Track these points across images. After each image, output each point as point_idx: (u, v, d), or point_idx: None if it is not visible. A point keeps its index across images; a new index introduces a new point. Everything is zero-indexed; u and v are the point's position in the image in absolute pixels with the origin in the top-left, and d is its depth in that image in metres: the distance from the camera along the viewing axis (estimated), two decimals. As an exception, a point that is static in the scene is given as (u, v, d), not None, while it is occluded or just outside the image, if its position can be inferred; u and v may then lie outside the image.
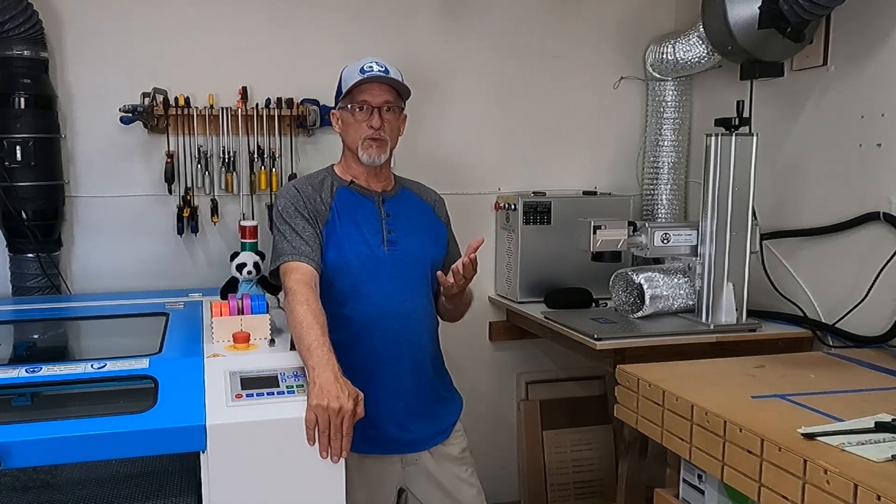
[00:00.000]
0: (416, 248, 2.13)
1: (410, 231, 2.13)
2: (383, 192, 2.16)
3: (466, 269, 2.01)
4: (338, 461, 1.64)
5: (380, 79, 2.08)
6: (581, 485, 3.32)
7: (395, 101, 2.12)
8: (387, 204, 2.15)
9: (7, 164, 2.57)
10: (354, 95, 2.09)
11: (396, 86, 2.11)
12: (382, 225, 2.12)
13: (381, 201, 2.15)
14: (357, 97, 2.09)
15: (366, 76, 2.07)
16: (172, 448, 1.60)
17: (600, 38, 3.28)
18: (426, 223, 2.22)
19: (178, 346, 2.00)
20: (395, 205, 2.16)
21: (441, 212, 2.28)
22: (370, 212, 2.13)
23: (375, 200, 2.15)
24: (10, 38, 2.55)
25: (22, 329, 2.40)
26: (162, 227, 2.87)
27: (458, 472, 2.21)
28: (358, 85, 2.07)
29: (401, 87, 2.12)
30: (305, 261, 2.01)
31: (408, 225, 2.13)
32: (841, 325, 2.51)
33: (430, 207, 2.25)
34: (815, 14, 2.29)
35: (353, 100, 2.09)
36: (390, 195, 2.18)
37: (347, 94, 2.10)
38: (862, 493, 1.42)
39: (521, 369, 3.36)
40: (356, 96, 2.09)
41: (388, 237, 2.10)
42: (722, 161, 2.52)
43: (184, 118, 2.79)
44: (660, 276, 2.70)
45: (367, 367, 2.04)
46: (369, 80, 2.07)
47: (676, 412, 1.95)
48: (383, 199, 2.15)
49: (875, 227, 2.42)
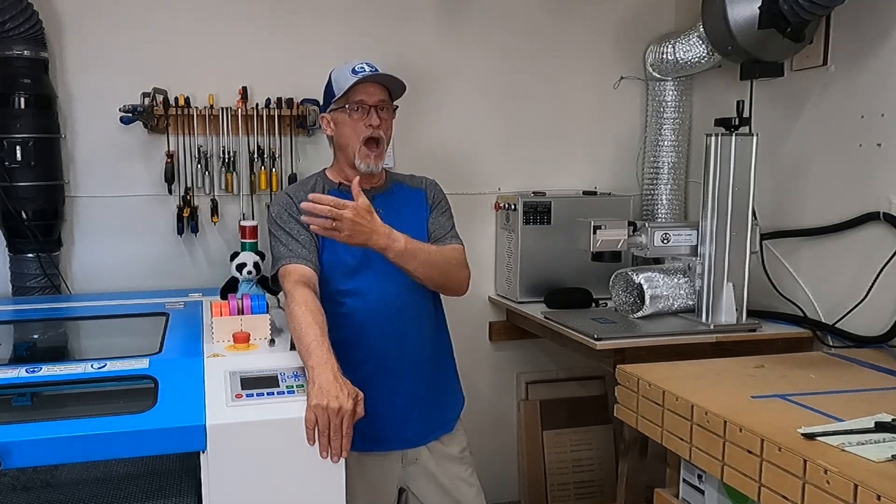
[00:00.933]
0: None
1: (402, 225, 2.12)
2: (373, 189, 2.17)
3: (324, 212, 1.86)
4: (338, 461, 1.64)
5: (375, 78, 2.10)
6: (581, 485, 3.32)
7: (389, 100, 2.15)
8: (377, 200, 2.14)
9: (7, 164, 2.57)
10: (350, 96, 2.10)
11: (389, 84, 2.12)
12: None
13: (370, 199, 2.14)
14: (353, 97, 2.09)
15: (360, 76, 2.08)
16: (172, 448, 1.60)
17: (600, 38, 3.28)
18: (418, 212, 2.21)
19: (178, 346, 2.00)
20: (386, 200, 2.16)
21: (432, 194, 2.25)
22: None
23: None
24: (10, 38, 2.55)
25: (22, 329, 2.40)
26: (162, 227, 2.87)
27: (458, 472, 2.21)
28: (354, 85, 2.08)
29: (394, 84, 2.13)
30: (303, 262, 2.02)
31: (399, 219, 2.13)
32: (841, 325, 2.51)
33: (422, 193, 2.24)
34: (815, 14, 2.29)
35: (349, 100, 2.10)
36: (380, 192, 2.18)
37: (342, 96, 2.11)
38: (862, 493, 1.42)
39: (521, 369, 3.36)
40: (351, 97, 2.10)
41: None
42: (722, 161, 2.52)
43: (184, 118, 2.79)
44: (660, 276, 2.70)
45: (366, 365, 2.05)
46: (365, 79, 2.08)
47: (676, 412, 1.95)
48: (373, 196, 2.15)
49: (875, 227, 2.42)
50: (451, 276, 2.13)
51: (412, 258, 2.00)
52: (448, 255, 2.13)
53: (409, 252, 1.99)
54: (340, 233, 1.88)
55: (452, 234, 2.21)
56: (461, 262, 2.16)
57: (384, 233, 1.95)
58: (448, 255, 2.12)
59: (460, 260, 2.16)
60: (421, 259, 2.02)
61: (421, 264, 2.03)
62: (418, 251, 2.02)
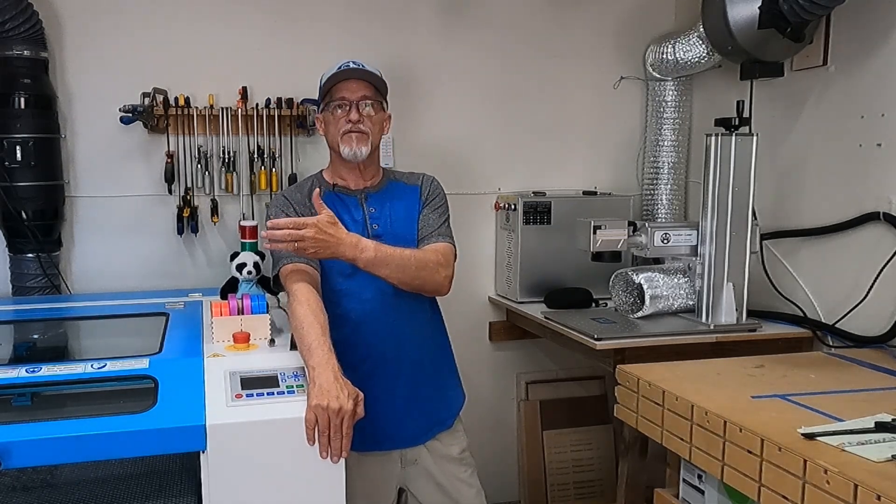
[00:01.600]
0: (402, 239, 2.11)
1: (396, 222, 2.12)
2: (366, 189, 2.16)
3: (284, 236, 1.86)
4: (338, 461, 1.64)
5: (354, 73, 2.09)
6: (581, 485, 3.32)
7: (374, 97, 2.12)
8: (370, 199, 2.14)
9: (7, 164, 2.57)
10: (333, 94, 2.10)
11: (372, 80, 2.12)
12: (366, 221, 2.12)
13: (363, 198, 2.15)
14: (335, 95, 2.10)
15: (339, 71, 2.09)
16: (172, 448, 1.60)
17: (600, 38, 3.28)
18: (410, 208, 2.18)
19: (178, 346, 2.00)
20: (379, 198, 2.16)
21: (427, 190, 2.21)
22: (354, 210, 2.13)
23: (358, 198, 2.15)
24: (10, 38, 2.55)
25: (22, 329, 2.40)
26: (162, 227, 2.87)
27: (457, 473, 2.21)
28: (335, 83, 2.09)
29: (377, 80, 2.13)
30: (304, 262, 2.01)
31: (392, 216, 2.12)
32: (841, 325, 2.51)
33: (417, 189, 2.21)
34: (815, 14, 2.29)
35: (332, 98, 2.11)
36: (374, 190, 2.17)
37: (326, 95, 2.12)
38: (862, 493, 1.42)
39: (521, 369, 3.36)
40: (334, 94, 2.10)
41: (373, 231, 2.09)
42: (722, 161, 2.52)
43: (184, 118, 2.79)
44: (660, 276, 2.70)
45: (365, 365, 2.04)
46: (345, 77, 2.09)
47: (676, 412, 1.95)
48: (366, 196, 2.15)
49: (875, 227, 2.42)
50: (427, 279, 2.06)
51: (383, 265, 1.97)
52: (424, 257, 2.06)
53: (380, 260, 1.95)
54: (306, 250, 1.88)
55: (440, 231, 2.15)
56: (440, 262, 2.07)
57: (351, 243, 1.92)
58: (424, 259, 2.05)
59: (439, 261, 2.07)
60: (393, 266, 1.98)
61: (393, 270, 1.99)
62: (389, 258, 1.97)
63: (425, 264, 2.05)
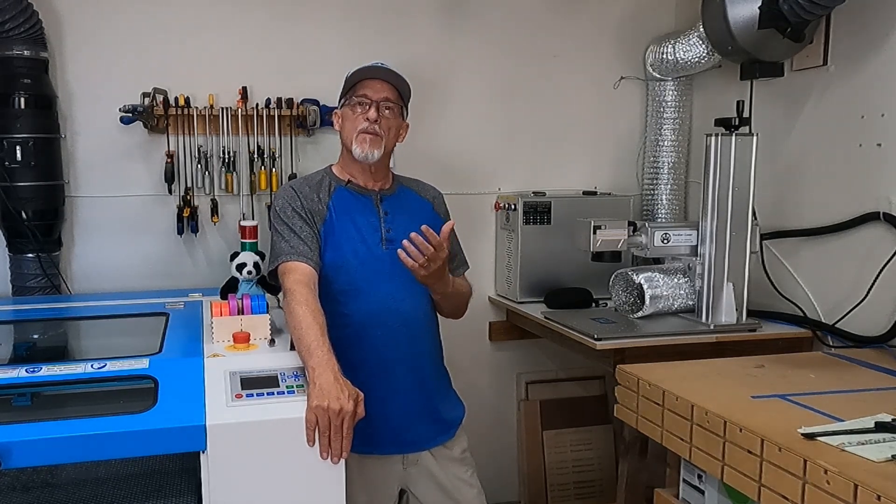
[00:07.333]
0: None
1: (409, 229, 2.12)
2: (381, 191, 2.16)
3: (425, 249, 1.93)
4: (338, 462, 1.64)
5: (381, 72, 2.10)
6: (581, 485, 3.32)
7: (396, 101, 2.13)
8: (385, 202, 2.15)
9: (7, 164, 2.57)
10: (356, 90, 2.11)
11: (398, 84, 2.12)
12: (381, 223, 2.12)
13: (378, 199, 2.15)
14: (358, 91, 2.10)
15: (367, 67, 2.10)
16: (172, 448, 1.60)
17: (600, 38, 3.28)
18: (425, 220, 2.19)
19: (178, 346, 2.00)
20: (394, 203, 2.16)
21: (440, 208, 2.27)
22: (368, 210, 2.13)
23: (373, 199, 2.15)
24: (10, 38, 2.55)
25: (22, 329, 2.40)
26: (162, 227, 2.87)
27: (458, 473, 2.20)
28: (360, 80, 2.09)
29: (402, 86, 2.13)
30: (304, 260, 2.01)
31: (406, 223, 2.13)
32: (841, 325, 2.51)
33: (429, 204, 2.25)
34: (815, 14, 2.29)
35: (354, 94, 2.11)
36: (388, 193, 2.18)
37: (349, 90, 2.12)
38: (862, 493, 1.42)
39: (521, 369, 3.36)
40: (357, 91, 2.11)
41: (387, 235, 2.10)
42: (722, 161, 2.52)
43: (184, 118, 2.79)
44: (660, 276, 2.70)
45: (367, 367, 2.04)
46: (371, 75, 2.10)
47: (676, 412, 1.95)
48: (381, 198, 2.15)
49: (875, 227, 2.42)
50: (461, 309, 2.30)
51: (448, 300, 2.18)
52: (466, 293, 2.29)
53: (449, 295, 2.15)
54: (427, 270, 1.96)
55: (461, 259, 2.30)
56: (470, 293, 2.32)
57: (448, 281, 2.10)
58: (466, 294, 2.29)
59: (470, 293, 2.32)
60: (454, 302, 2.22)
61: (449, 303, 2.21)
62: (454, 295, 2.19)
63: (466, 299, 2.30)
